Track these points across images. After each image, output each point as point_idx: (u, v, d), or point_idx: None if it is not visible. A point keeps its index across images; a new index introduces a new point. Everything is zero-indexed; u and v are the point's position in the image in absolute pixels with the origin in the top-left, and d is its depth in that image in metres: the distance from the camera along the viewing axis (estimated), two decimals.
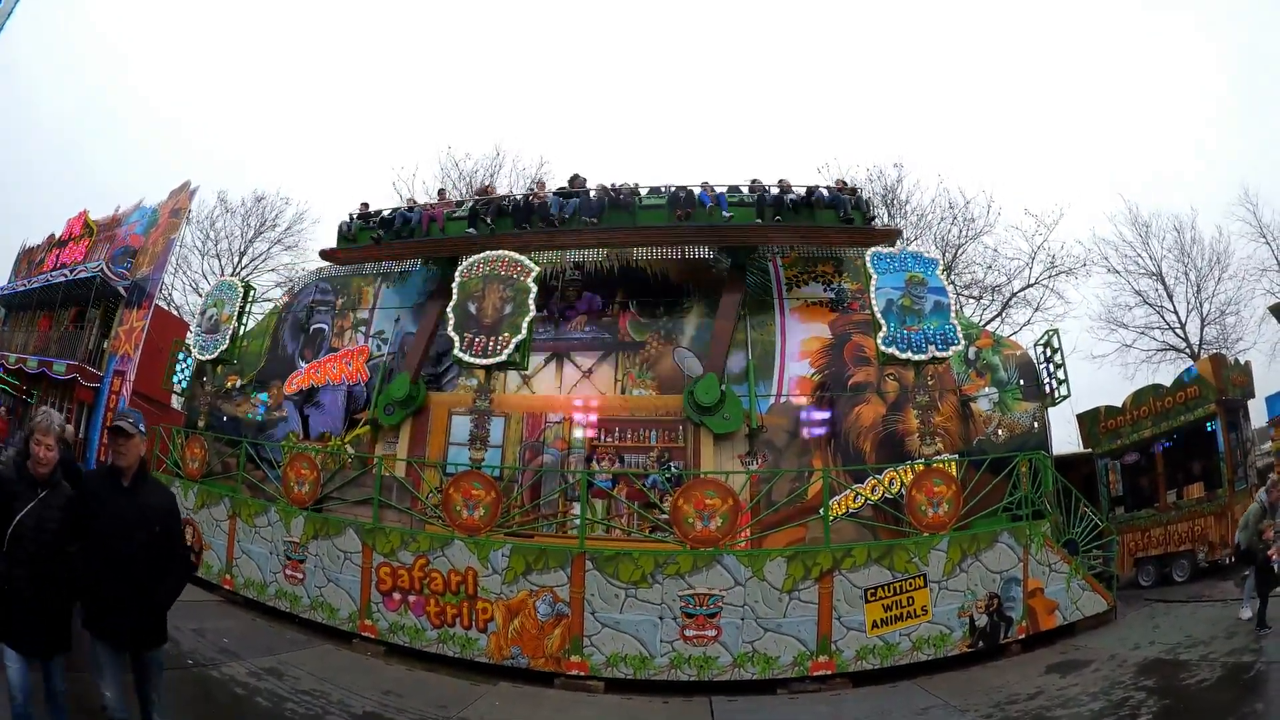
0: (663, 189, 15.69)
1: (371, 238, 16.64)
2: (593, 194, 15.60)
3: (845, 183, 15.64)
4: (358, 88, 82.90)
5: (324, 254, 17.89)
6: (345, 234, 17.21)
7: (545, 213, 15.44)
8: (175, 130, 72.65)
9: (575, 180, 16.38)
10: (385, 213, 17.03)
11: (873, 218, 15.05)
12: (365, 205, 17.60)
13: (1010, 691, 9.45)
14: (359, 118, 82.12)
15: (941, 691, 9.79)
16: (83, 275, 22.62)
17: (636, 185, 15.78)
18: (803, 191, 15.24)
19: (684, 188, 15.46)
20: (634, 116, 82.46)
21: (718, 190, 15.28)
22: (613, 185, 15.78)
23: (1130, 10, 68.52)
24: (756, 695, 10.26)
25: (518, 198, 16.13)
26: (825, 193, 15.19)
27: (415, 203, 17.28)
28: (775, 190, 15.11)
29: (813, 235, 15.30)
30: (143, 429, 5.46)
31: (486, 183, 17.47)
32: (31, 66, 53.47)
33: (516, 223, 15.62)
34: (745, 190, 15.51)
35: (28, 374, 22.75)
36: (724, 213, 14.76)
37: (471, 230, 15.69)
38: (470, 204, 16.42)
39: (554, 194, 16.00)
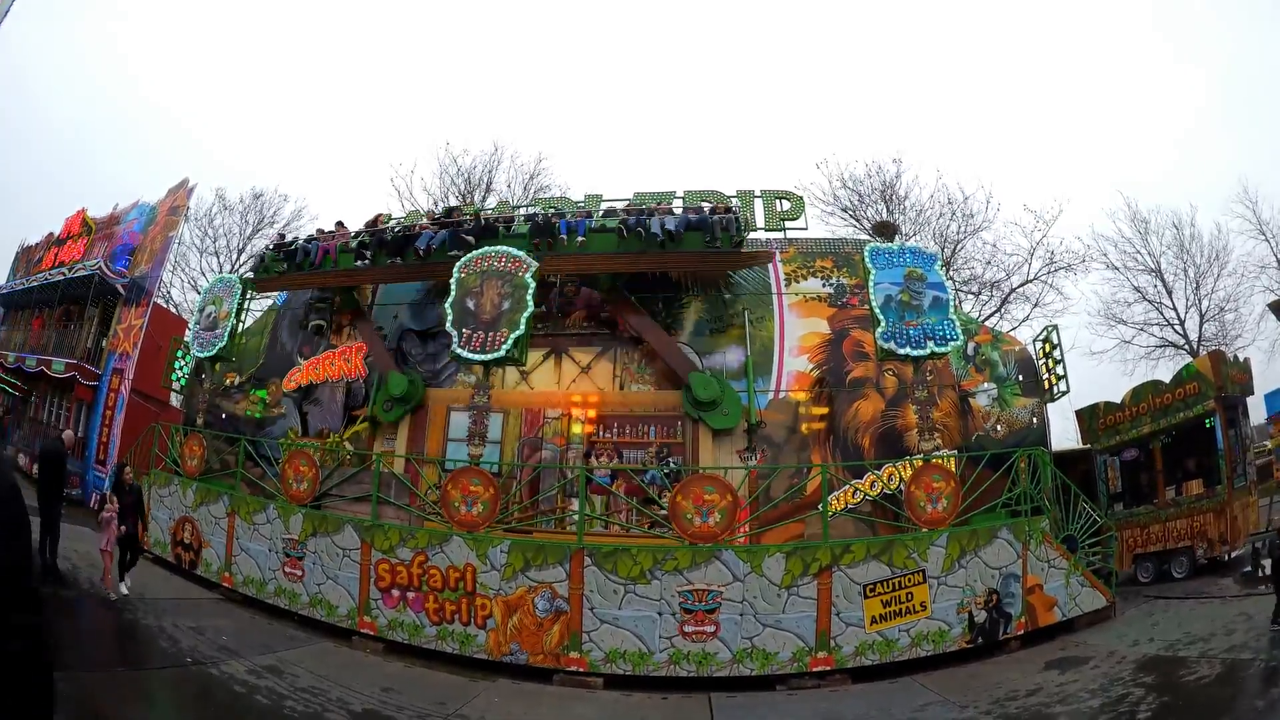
0: (537, 215, 15.67)
1: (278, 270, 16.85)
2: (466, 220, 15.71)
3: (724, 204, 15.19)
4: (356, 85, 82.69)
5: (248, 282, 17.79)
6: (260, 266, 17.47)
7: (416, 245, 15.59)
8: (172, 128, 72.53)
9: (452, 212, 16.66)
10: (293, 245, 17.31)
11: (741, 240, 14.63)
12: (281, 236, 18.03)
13: (1009, 688, 9.46)
14: (357, 114, 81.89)
15: (941, 687, 9.80)
16: (81, 274, 22.57)
17: (511, 215, 16.06)
18: (680, 212, 15.18)
19: (547, 215, 15.48)
20: (633, 110, 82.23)
21: (582, 219, 15.32)
22: (486, 216, 15.99)
23: (1129, 7, 68.43)
24: (756, 691, 10.28)
25: (400, 229, 16.28)
26: (693, 216, 14.79)
27: (322, 232, 17.42)
28: (640, 216, 14.97)
29: (672, 260, 14.95)
30: None
31: (379, 214, 17.44)
32: (29, 71, 53.36)
33: (391, 255, 15.78)
34: (621, 210, 15.53)
35: (26, 372, 22.75)
36: (578, 238, 14.73)
37: (359, 263, 16.05)
38: (359, 236, 16.55)
39: (432, 224, 16.12)
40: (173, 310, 29.05)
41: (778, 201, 15.97)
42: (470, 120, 71.70)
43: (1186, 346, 26.91)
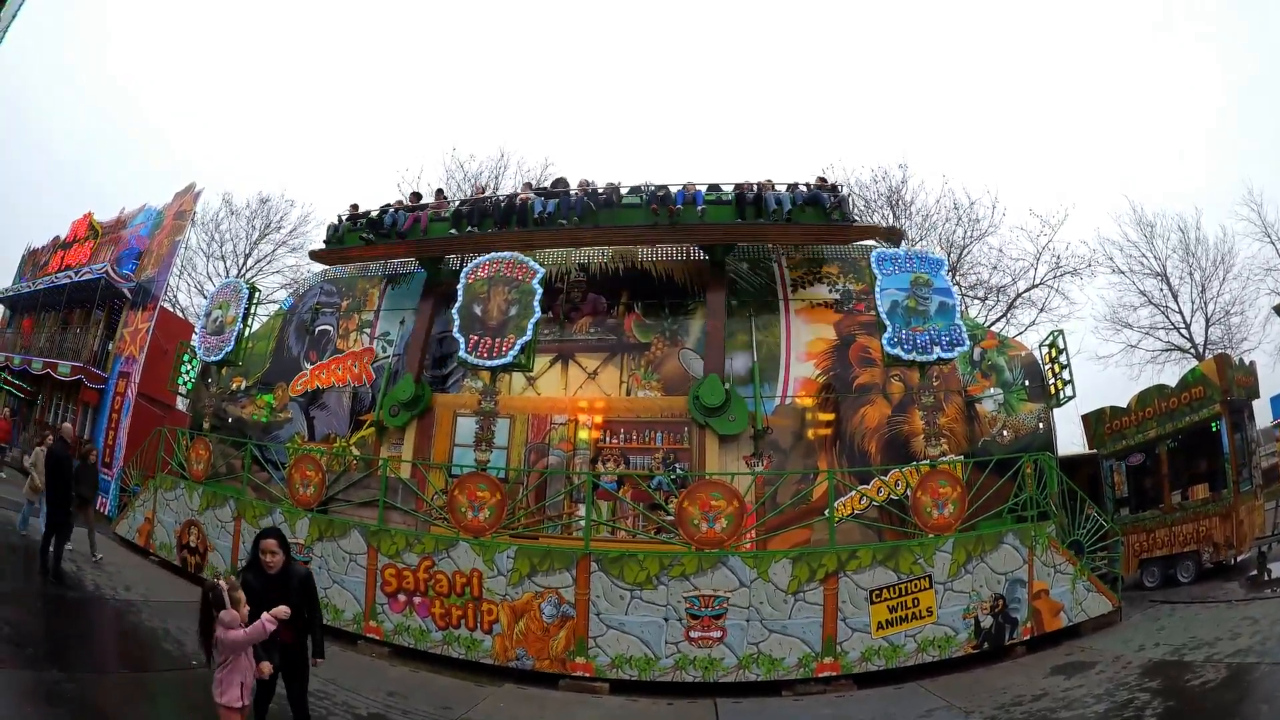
0: (642, 188, 15.57)
1: (360, 238, 16.55)
2: (573, 194, 15.54)
3: (825, 180, 15.41)
4: (362, 90, 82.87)
5: (314, 255, 17.92)
6: (334, 235, 17.23)
7: (525, 214, 15.47)
8: (178, 135, 72.72)
9: (558, 182, 16.46)
10: (373, 214, 16.87)
11: (852, 218, 15.02)
12: (355, 207, 17.48)
13: (1015, 693, 9.46)
14: (364, 120, 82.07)
15: (946, 693, 9.81)
16: (88, 277, 22.68)
17: (618, 185, 15.66)
18: (784, 189, 15.19)
19: (663, 187, 15.35)
20: (639, 117, 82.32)
21: (698, 189, 15.26)
22: (592, 185, 15.75)
23: (1134, 8, 68.37)
24: (761, 697, 10.29)
25: (502, 199, 16.11)
26: (805, 189, 15.09)
27: (403, 203, 17.30)
28: (755, 189, 15.08)
29: (789, 233, 15.19)
30: None
31: (483, 185, 17.51)
32: (31, 79, 53.26)
33: (497, 223, 15.59)
34: (727, 189, 15.45)
35: (32, 374, 22.84)
36: (697, 208, 14.71)
37: (454, 231, 15.83)
38: (456, 205, 16.49)
39: (536, 194, 16.02)
40: (179, 314, 29.14)
41: None
42: (477, 125, 71.79)
43: (1192, 350, 26.85)
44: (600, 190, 15.57)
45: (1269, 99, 50.40)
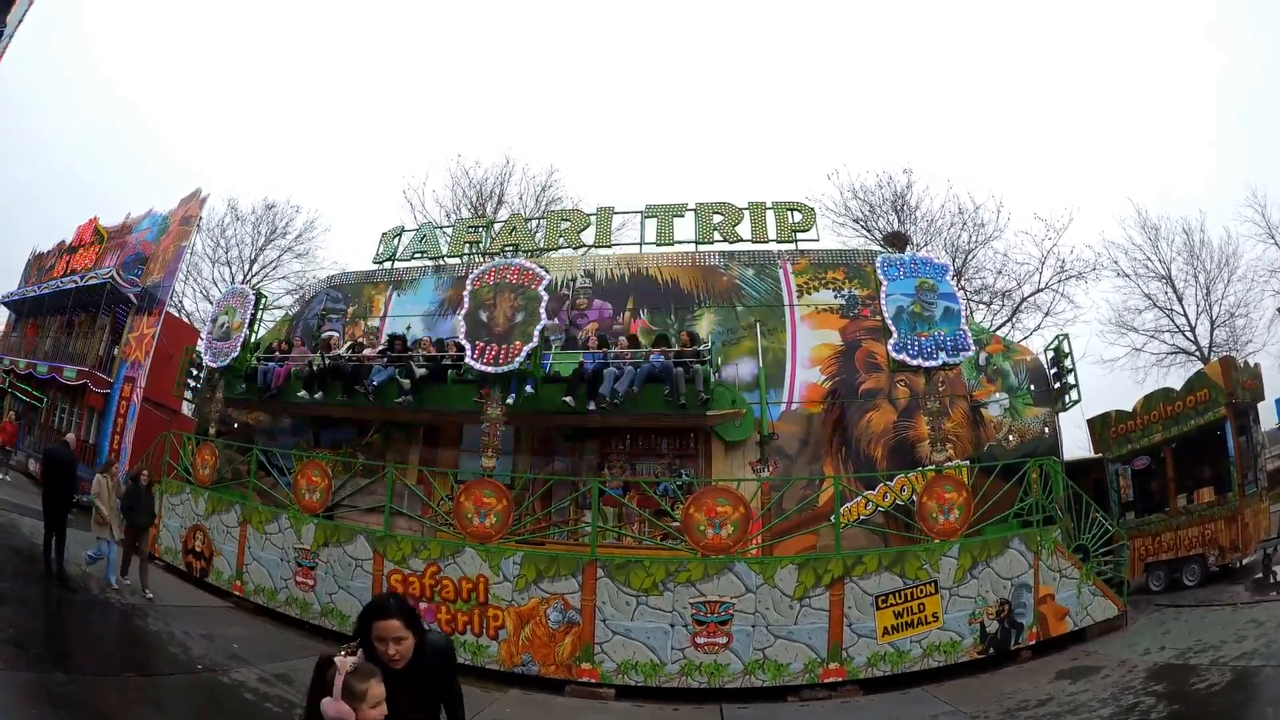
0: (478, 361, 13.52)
1: (237, 391, 16.02)
2: (414, 359, 14.32)
3: (694, 337, 14.05)
4: (369, 96, 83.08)
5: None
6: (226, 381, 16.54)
7: (365, 381, 14.38)
8: (183, 141, 72.98)
9: (395, 341, 15.33)
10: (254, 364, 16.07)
11: (710, 395, 13.20)
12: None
13: (1021, 698, 9.47)
14: (371, 126, 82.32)
15: (952, 698, 9.81)
16: (93, 282, 22.74)
17: (456, 359, 13.90)
18: (642, 353, 13.76)
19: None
20: (643, 122, 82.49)
21: (545, 360, 13.89)
22: (430, 355, 14.46)
23: (1140, 12, 68.35)
24: (767, 702, 10.32)
25: (350, 364, 14.80)
26: (657, 360, 13.32)
27: (284, 347, 16.33)
28: (594, 366, 13.48)
29: (636, 420, 13.94)
30: None
31: (331, 336, 16.24)
32: (34, 90, 53.41)
33: (345, 389, 14.58)
34: (581, 355, 14.12)
35: (38, 379, 22.91)
36: (527, 389, 13.33)
37: (302, 394, 14.87)
38: (310, 368, 15.08)
39: (380, 355, 14.94)
40: (185, 320, 29.21)
41: (789, 213, 16.04)
42: (482, 133, 72.29)
43: (1197, 353, 26.81)
44: (438, 360, 14.27)
45: (1271, 101, 50.36)
